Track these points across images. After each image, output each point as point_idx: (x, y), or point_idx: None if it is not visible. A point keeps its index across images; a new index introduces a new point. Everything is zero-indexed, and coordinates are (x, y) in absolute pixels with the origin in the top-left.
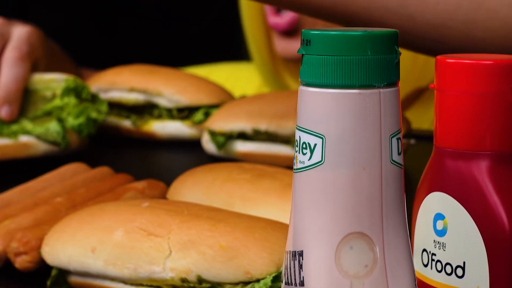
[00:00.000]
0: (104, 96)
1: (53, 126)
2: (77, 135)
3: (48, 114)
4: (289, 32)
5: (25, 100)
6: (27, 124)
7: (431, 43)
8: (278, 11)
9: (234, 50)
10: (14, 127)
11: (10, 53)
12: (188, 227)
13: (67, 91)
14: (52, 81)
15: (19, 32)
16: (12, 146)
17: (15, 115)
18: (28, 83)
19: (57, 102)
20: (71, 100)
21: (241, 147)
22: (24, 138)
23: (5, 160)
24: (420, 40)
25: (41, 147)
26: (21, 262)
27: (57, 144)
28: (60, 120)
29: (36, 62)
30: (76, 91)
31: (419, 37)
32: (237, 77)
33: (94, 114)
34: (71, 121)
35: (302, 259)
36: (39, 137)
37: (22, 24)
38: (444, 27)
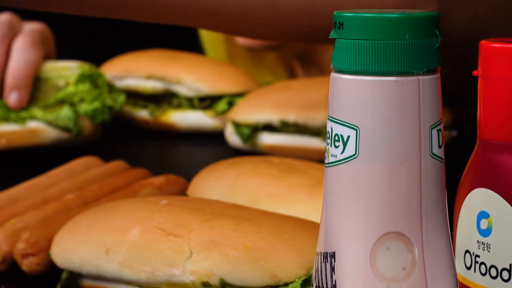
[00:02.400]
0: (119, 84)
1: (64, 112)
2: (91, 121)
3: (61, 102)
4: None
5: (36, 89)
6: (37, 112)
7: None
8: None
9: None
10: (23, 114)
11: (22, 38)
12: (210, 226)
13: (82, 78)
14: (66, 69)
15: (32, 25)
16: (19, 132)
17: (25, 103)
18: (40, 71)
19: (71, 89)
20: (86, 88)
21: (268, 139)
22: (32, 124)
23: (12, 149)
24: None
25: (51, 134)
26: (28, 264)
27: (68, 130)
28: (72, 105)
29: (48, 57)
30: (92, 79)
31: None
32: None
33: (110, 101)
34: (85, 106)
35: (334, 261)
36: (49, 123)
37: (34, 22)
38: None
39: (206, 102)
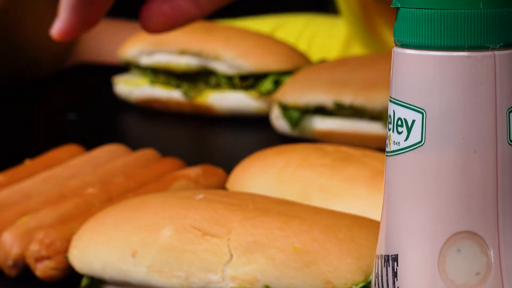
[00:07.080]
0: (148, 60)
1: None
2: None
3: None
4: None
5: None
6: None
7: None
8: None
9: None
10: None
11: None
12: (253, 225)
13: None
14: None
15: None
16: None
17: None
18: None
19: None
20: None
21: (320, 124)
22: None
23: None
24: None
25: None
26: (43, 269)
27: None
28: None
29: None
30: None
31: None
32: (314, 33)
33: None
34: None
35: (397, 265)
36: None
37: None
38: None
39: (249, 81)
